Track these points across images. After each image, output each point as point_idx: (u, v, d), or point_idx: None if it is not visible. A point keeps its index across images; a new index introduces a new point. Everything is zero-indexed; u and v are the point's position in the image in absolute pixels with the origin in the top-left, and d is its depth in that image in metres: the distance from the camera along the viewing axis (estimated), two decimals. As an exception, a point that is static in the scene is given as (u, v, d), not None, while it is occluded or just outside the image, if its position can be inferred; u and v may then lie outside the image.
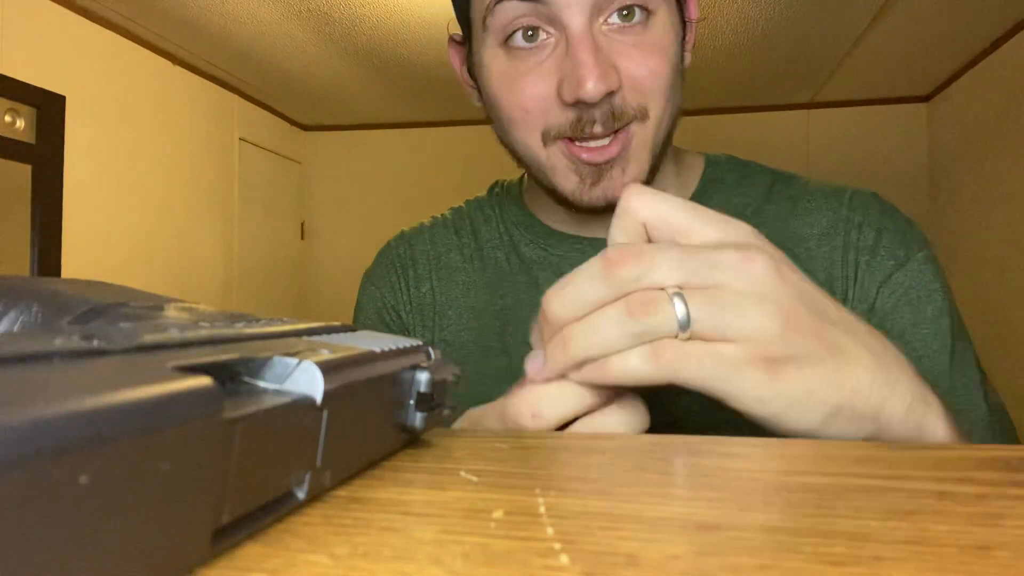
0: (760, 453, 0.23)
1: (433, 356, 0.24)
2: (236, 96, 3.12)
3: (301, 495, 0.17)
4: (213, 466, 0.13)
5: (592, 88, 0.46)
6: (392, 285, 0.64)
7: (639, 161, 0.51)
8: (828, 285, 0.53)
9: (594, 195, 0.51)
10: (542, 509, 0.17)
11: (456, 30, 0.59)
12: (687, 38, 0.55)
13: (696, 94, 3.09)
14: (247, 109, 3.22)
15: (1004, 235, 2.56)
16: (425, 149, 3.62)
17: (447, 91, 3.06)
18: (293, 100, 3.32)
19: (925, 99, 3.20)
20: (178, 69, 2.73)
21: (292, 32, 2.45)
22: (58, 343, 0.13)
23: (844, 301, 0.53)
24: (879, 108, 3.25)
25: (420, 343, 0.24)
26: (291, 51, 2.64)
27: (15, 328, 0.22)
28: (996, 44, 2.54)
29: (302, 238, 3.78)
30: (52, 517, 0.09)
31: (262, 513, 0.15)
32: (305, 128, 3.77)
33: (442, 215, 0.68)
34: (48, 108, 2.12)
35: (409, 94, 3.18)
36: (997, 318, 2.55)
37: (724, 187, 0.59)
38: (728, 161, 0.61)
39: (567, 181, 0.51)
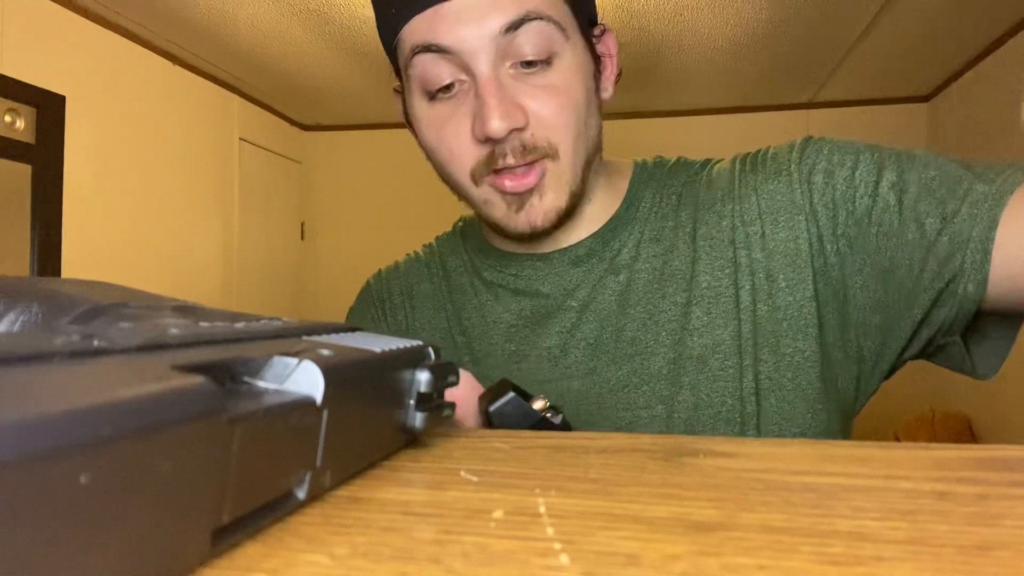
0: (760, 453, 0.23)
1: (433, 356, 0.24)
2: (236, 96, 3.12)
3: (301, 495, 0.17)
4: (213, 466, 0.13)
5: (496, 125, 0.51)
6: (373, 317, 0.71)
7: (556, 192, 0.55)
8: (744, 228, 0.56)
9: (519, 221, 0.56)
10: (542, 509, 0.17)
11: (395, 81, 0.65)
12: (604, 72, 0.59)
13: (696, 94, 3.09)
14: (247, 109, 3.22)
15: (1004, 235, 2.56)
16: (425, 149, 3.61)
17: (447, 91, 3.05)
18: (293, 100, 3.32)
19: (925, 99, 3.20)
20: (178, 69, 2.73)
21: (292, 32, 2.45)
22: (58, 343, 0.13)
23: (760, 238, 0.55)
24: (879, 108, 3.25)
25: (420, 343, 0.24)
26: (291, 51, 2.64)
27: (15, 328, 0.22)
28: (996, 44, 2.54)
29: (302, 238, 3.78)
30: (52, 517, 0.09)
31: (262, 513, 0.15)
32: (305, 128, 3.77)
33: (415, 252, 0.75)
34: (48, 108, 2.12)
35: (409, 94, 3.18)
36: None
37: (652, 183, 0.64)
38: (655, 161, 0.66)
39: (497, 211, 0.56)
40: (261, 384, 0.17)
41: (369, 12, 2.29)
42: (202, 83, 2.89)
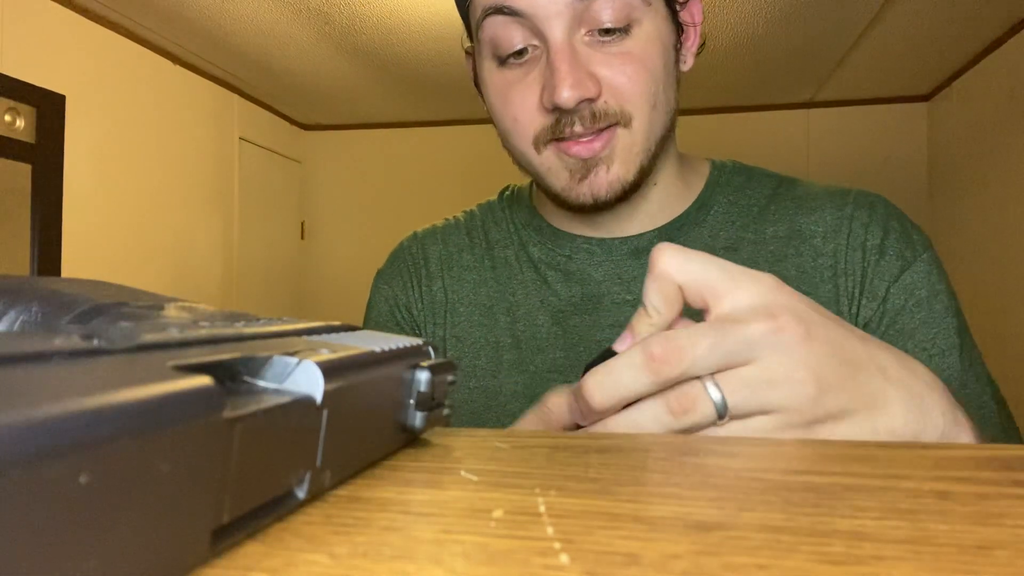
0: (760, 453, 0.23)
1: (433, 356, 0.24)
2: (236, 96, 3.13)
3: (301, 495, 0.17)
4: (213, 466, 0.13)
5: (567, 95, 0.48)
6: (404, 283, 0.66)
7: (625, 163, 0.52)
8: (834, 282, 0.55)
9: (581, 191, 0.53)
10: (542, 508, 0.17)
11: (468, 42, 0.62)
12: (686, 42, 0.56)
13: (696, 94, 3.09)
14: (247, 109, 3.22)
15: (1004, 234, 2.56)
16: (425, 149, 3.62)
17: (447, 91, 3.06)
18: (293, 100, 3.32)
19: (925, 99, 3.20)
20: (178, 69, 2.73)
21: (292, 32, 2.45)
22: (58, 343, 0.13)
23: (851, 299, 0.54)
24: (879, 108, 3.25)
25: (420, 342, 0.24)
26: (291, 51, 2.64)
27: (15, 328, 0.22)
28: (996, 44, 2.54)
29: (302, 238, 3.78)
30: (52, 517, 0.09)
31: (262, 513, 0.15)
32: (305, 128, 3.77)
33: (454, 217, 0.70)
34: (48, 108, 2.12)
35: (409, 94, 3.18)
36: (996, 317, 2.55)
37: (729, 189, 0.60)
38: (734, 166, 0.63)
39: (558, 179, 0.54)
40: (261, 384, 0.17)
41: (369, 12, 2.29)
42: (202, 83, 2.89)
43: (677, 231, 0.59)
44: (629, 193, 0.54)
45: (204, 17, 2.33)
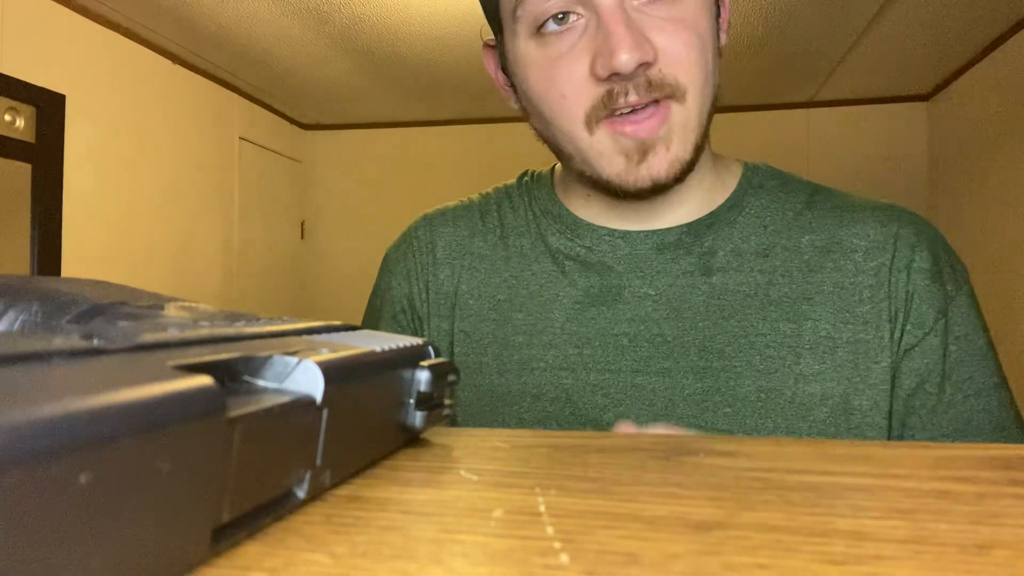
0: (760, 452, 0.23)
1: (433, 355, 0.24)
2: (236, 95, 3.12)
3: (301, 494, 0.17)
4: (213, 465, 0.13)
5: (626, 58, 0.46)
6: (408, 272, 0.63)
7: (682, 141, 0.50)
8: (873, 302, 0.53)
9: (640, 175, 0.50)
10: (542, 508, 0.17)
11: (488, 35, 0.59)
12: (722, 17, 0.55)
13: (696, 93, 3.09)
14: (247, 108, 3.22)
15: (1004, 234, 2.56)
16: (425, 149, 3.62)
17: (447, 91, 3.06)
18: (293, 99, 3.32)
19: (925, 99, 3.20)
20: (178, 68, 2.73)
21: (292, 31, 2.45)
22: (58, 342, 0.13)
23: (893, 321, 0.53)
24: (879, 107, 3.25)
25: (421, 342, 0.24)
26: (291, 50, 2.64)
27: (15, 327, 0.22)
28: (996, 44, 2.53)
29: (302, 238, 3.78)
30: (53, 517, 0.09)
31: (262, 512, 0.15)
32: (305, 127, 3.77)
33: (469, 198, 0.67)
34: (48, 107, 2.12)
35: (409, 94, 3.18)
36: (998, 317, 2.55)
37: (764, 192, 0.58)
38: (768, 169, 0.61)
39: (613, 165, 0.51)
40: (261, 383, 0.17)
41: (369, 11, 2.29)
42: (202, 82, 2.89)
43: (706, 229, 0.56)
44: (686, 173, 0.52)
45: (204, 17, 2.33)
